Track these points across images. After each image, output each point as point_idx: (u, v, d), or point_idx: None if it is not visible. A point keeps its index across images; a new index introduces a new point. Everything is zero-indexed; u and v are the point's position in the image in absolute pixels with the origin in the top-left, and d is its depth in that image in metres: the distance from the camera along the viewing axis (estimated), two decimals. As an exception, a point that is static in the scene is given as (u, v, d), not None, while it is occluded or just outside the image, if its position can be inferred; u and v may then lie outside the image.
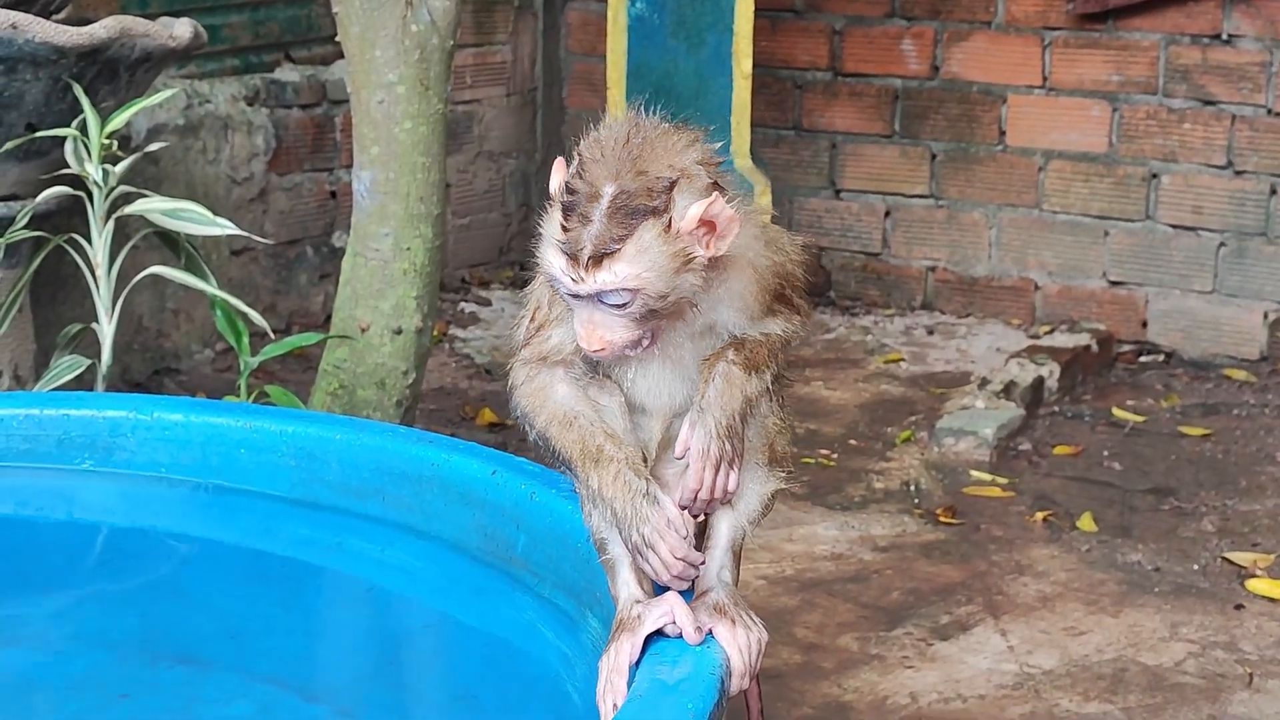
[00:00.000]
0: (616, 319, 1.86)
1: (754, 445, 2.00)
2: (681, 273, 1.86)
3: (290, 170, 5.00)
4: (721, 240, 1.87)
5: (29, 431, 2.71)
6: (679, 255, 1.85)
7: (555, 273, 1.86)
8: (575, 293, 1.85)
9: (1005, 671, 3.24)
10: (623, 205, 1.83)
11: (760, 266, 1.96)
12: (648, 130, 1.89)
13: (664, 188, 1.85)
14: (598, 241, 1.83)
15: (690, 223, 1.85)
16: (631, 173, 1.85)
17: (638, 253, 1.83)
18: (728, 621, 1.95)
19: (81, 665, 2.32)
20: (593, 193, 1.84)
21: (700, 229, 1.86)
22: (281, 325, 4.91)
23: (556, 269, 1.85)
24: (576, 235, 1.83)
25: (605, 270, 1.83)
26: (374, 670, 2.39)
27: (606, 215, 1.83)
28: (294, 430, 2.63)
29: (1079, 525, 3.95)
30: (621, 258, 1.83)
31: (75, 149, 3.47)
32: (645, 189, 1.84)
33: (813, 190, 5.63)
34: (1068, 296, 5.32)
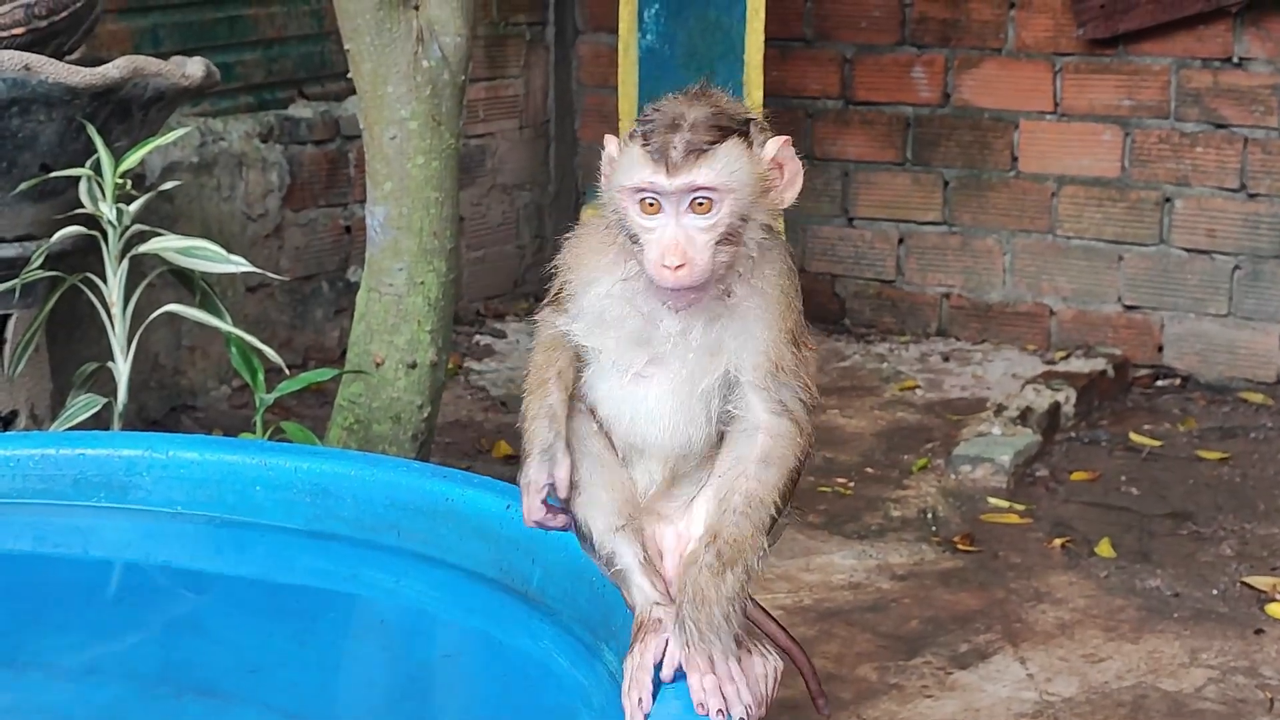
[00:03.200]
0: (700, 233, 1.84)
1: None
2: (760, 200, 1.86)
3: (305, 206, 5.01)
4: (790, 189, 1.89)
5: (45, 471, 2.72)
6: (759, 178, 1.86)
7: (639, 181, 1.84)
8: (668, 189, 1.83)
9: (1025, 700, 3.23)
10: (709, 121, 1.85)
11: (787, 287, 1.93)
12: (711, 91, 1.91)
13: (744, 119, 1.88)
14: (690, 144, 1.83)
15: (771, 150, 1.87)
16: (708, 107, 1.87)
17: (729, 158, 1.84)
18: (743, 651, 1.95)
19: (103, 699, 2.33)
20: (674, 117, 1.86)
21: (775, 168, 1.88)
22: (297, 361, 4.92)
23: (640, 177, 1.84)
24: (663, 143, 1.84)
25: (701, 166, 1.83)
26: (391, 703, 2.39)
27: (693, 127, 1.84)
28: (308, 467, 2.63)
29: (1097, 551, 3.93)
30: (716, 156, 1.84)
31: (89, 188, 3.48)
32: (728, 115, 1.87)
33: (825, 218, 5.63)
34: (1083, 321, 5.32)
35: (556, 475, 1.91)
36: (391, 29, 3.56)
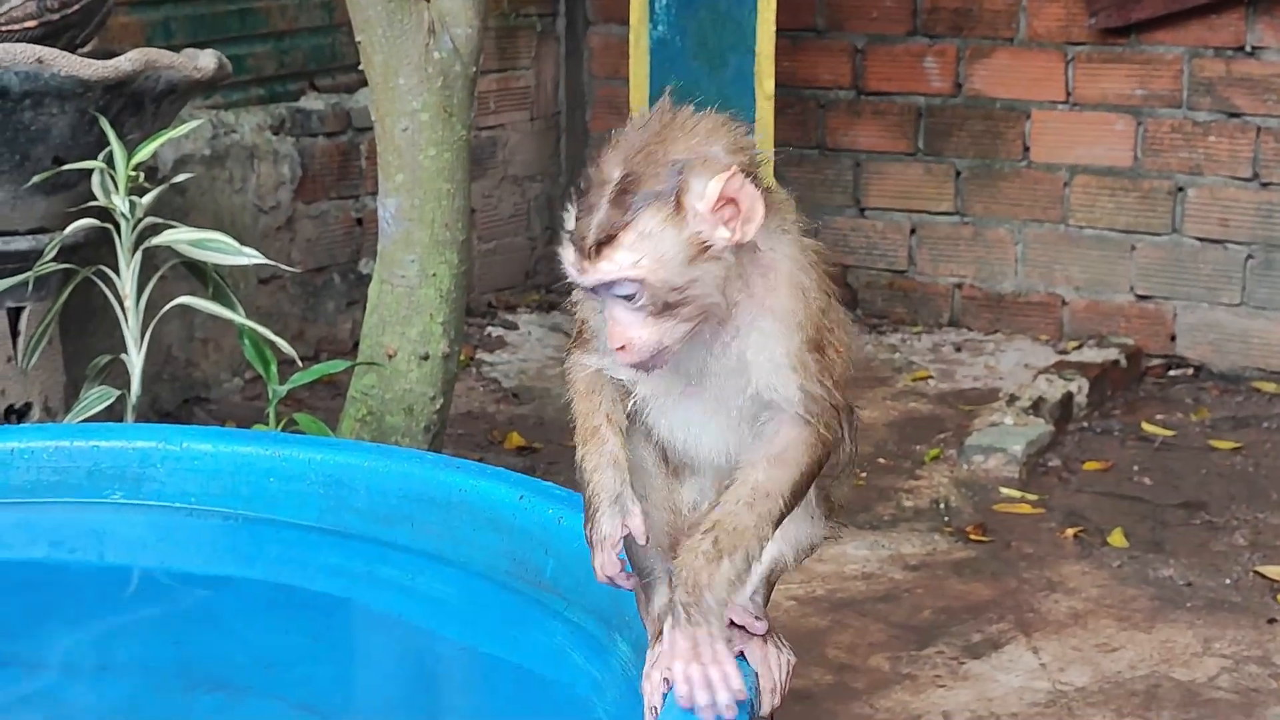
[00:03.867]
0: (634, 315, 1.76)
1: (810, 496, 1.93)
2: (698, 262, 1.75)
3: (316, 198, 5.02)
4: (748, 223, 1.76)
5: (59, 463, 2.73)
6: (692, 242, 1.74)
7: (566, 266, 1.78)
8: (581, 285, 1.77)
9: (1038, 689, 3.23)
10: (626, 189, 1.74)
11: (804, 285, 1.82)
12: (671, 117, 1.80)
13: (674, 171, 1.74)
14: (598, 229, 1.74)
15: (709, 201, 1.74)
16: (642, 157, 1.76)
17: (639, 239, 1.73)
18: (758, 642, 1.95)
19: (117, 694, 2.34)
20: (601, 179, 1.76)
21: (721, 209, 1.75)
22: (310, 353, 4.93)
23: (566, 262, 1.78)
24: (583, 224, 1.75)
25: (605, 259, 1.74)
26: (405, 697, 2.39)
27: (610, 201, 1.74)
28: (322, 458, 2.64)
29: (1110, 541, 3.93)
30: (621, 245, 1.73)
31: (102, 181, 3.49)
32: (652, 172, 1.74)
33: (837, 209, 5.63)
34: (1095, 311, 5.31)
35: (632, 525, 1.86)
36: (403, 21, 3.56)
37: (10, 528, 2.74)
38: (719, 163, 1.76)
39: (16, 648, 2.42)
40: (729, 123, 1.81)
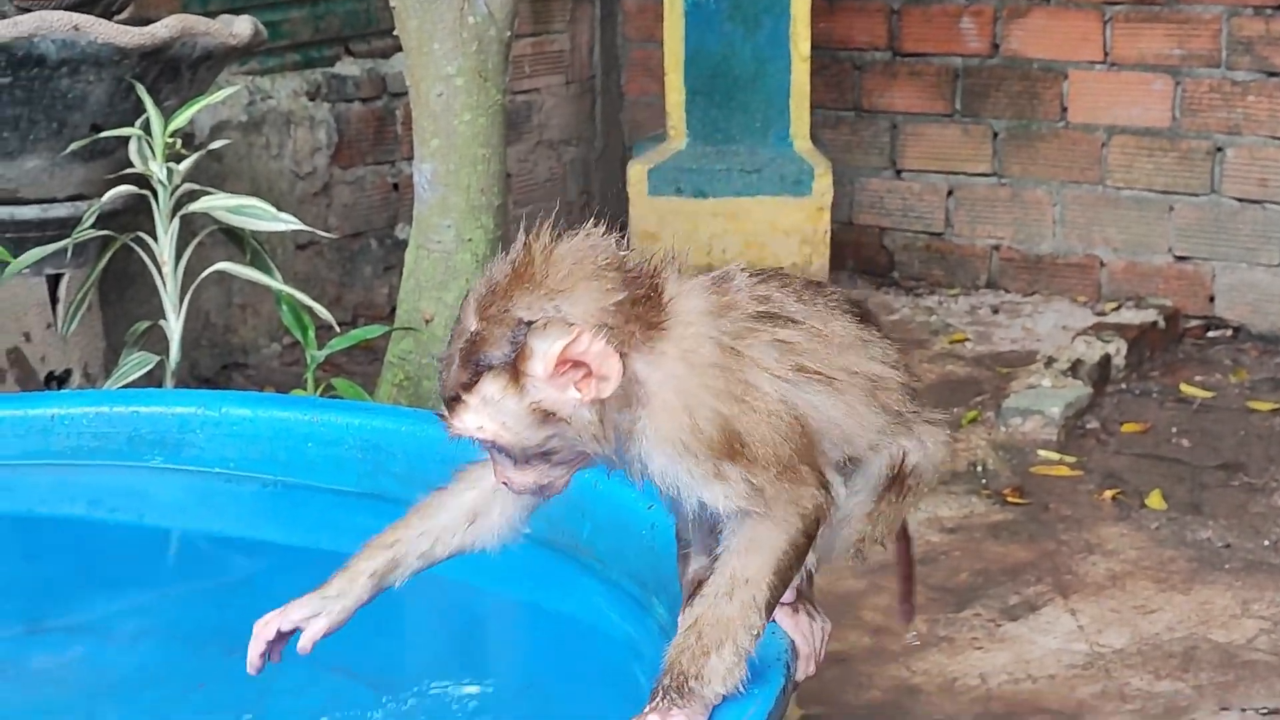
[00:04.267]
0: (505, 460, 1.75)
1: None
2: (549, 423, 1.70)
3: (353, 164, 5.03)
4: (603, 382, 1.69)
5: (99, 429, 2.75)
6: (534, 410, 1.69)
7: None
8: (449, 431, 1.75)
9: (1075, 651, 3.23)
10: (472, 349, 1.70)
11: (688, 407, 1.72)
12: (527, 255, 1.72)
13: (513, 336, 1.68)
14: (448, 388, 1.72)
15: (547, 368, 1.68)
16: (490, 313, 1.70)
17: (482, 404, 1.70)
18: (789, 610, 1.96)
19: (157, 658, 2.36)
20: (459, 330, 1.73)
21: (568, 371, 1.69)
22: (347, 318, 4.95)
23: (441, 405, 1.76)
24: (441, 376, 1.74)
25: (457, 417, 1.72)
26: (443, 659, 2.41)
27: (459, 359, 1.71)
28: (359, 423, 2.65)
29: (1148, 503, 3.92)
30: (467, 408, 1.71)
31: (139, 148, 3.51)
32: (494, 335, 1.69)
33: (874, 171, 5.61)
34: (1134, 273, 5.29)
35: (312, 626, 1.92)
36: (437, -15, 3.56)
37: (50, 488, 2.77)
38: (561, 324, 1.69)
39: (58, 612, 2.45)
40: (591, 250, 1.74)
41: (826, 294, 1.87)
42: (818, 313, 1.83)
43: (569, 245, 1.74)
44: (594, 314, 1.70)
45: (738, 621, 1.74)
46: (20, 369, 3.77)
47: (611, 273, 1.73)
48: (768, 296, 1.80)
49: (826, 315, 1.84)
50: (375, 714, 2.20)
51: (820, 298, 1.85)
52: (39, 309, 3.77)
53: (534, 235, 1.74)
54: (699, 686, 1.73)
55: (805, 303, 1.83)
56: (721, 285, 1.79)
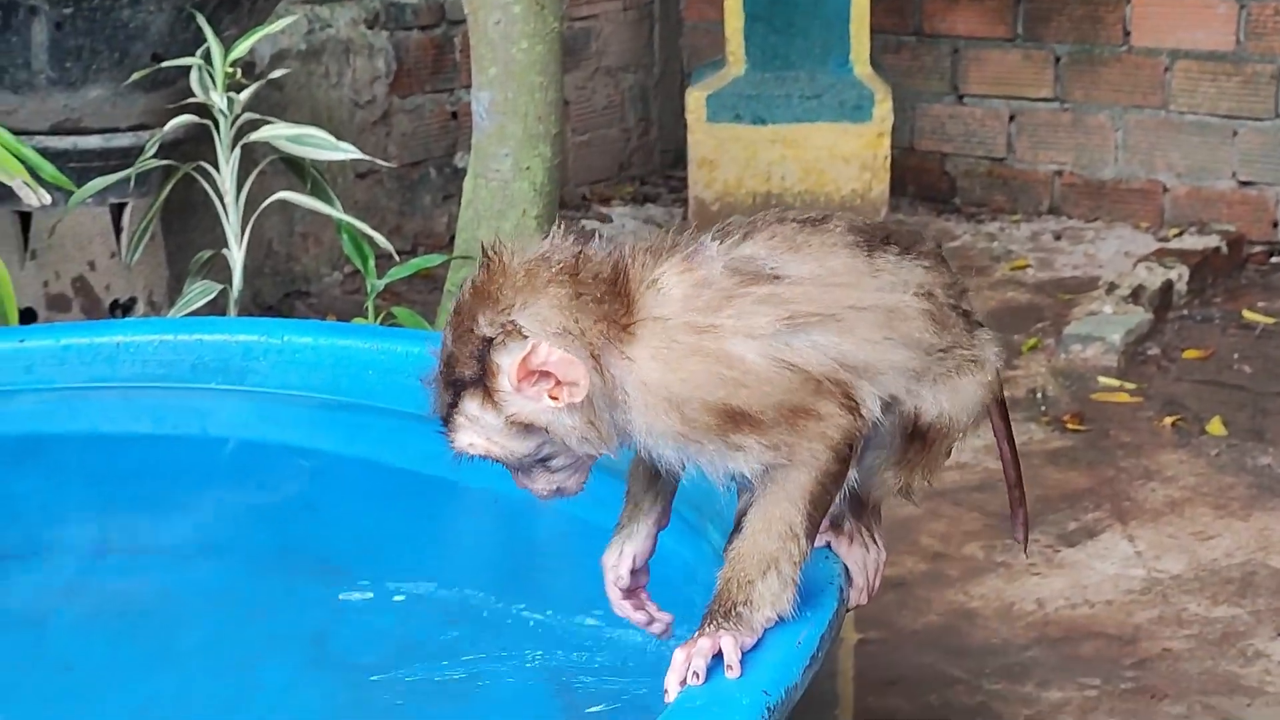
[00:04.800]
0: (514, 471, 1.80)
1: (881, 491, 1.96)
2: (535, 430, 1.74)
3: (411, 92, 5.04)
4: (573, 388, 1.71)
5: (164, 357, 2.79)
6: (512, 421, 1.73)
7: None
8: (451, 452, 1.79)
9: (1132, 577, 3.23)
10: (447, 374, 1.75)
11: (669, 400, 1.73)
12: (486, 273, 1.74)
13: (478, 354, 1.72)
14: (438, 409, 1.77)
15: (513, 381, 1.71)
16: (459, 333, 1.74)
17: (467, 423, 1.75)
18: (845, 538, 1.97)
19: (222, 579, 2.40)
20: (440, 353, 1.77)
21: (536, 382, 1.71)
22: (407, 246, 4.97)
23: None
24: (430, 399, 1.78)
25: (451, 437, 1.77)
26: (501, 579, 2.44)
27: (440, 383, 1.76)
28: (419, 351, 2.67)
29: (1208, 429, 3.91)
30: (457, 427, 1.76)
31: (200, 78, 3.53)
32: (463, 355, 1.73)
33: (935, 96, 5.58)
34: (1196, 198, 5.24)
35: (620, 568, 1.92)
36: (494, -88, 3.56)
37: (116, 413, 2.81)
38: (517, 335, 1.70)
39: (122, 535, 2.50)
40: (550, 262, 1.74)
41: (826, 230, 1.83)
42: (813, 255, 1.79)
43: (524, 256, 1.75)
44: (551, 322, 1.71)
45: (778, 551, 1.76)
46: (85, 297, 3.82)
47: (566, 278, 1.73)
48: (751, 256, 1.78)
49: (823, 255, 1.80)
50: (441, 632, 2.23)
51: (817, 236, 1.81)
52: (103, 238, 3.82)
53: (493, 251, 1.75)
54: (748, 612, 1.75)
55: (797, 248, 1.79)
56: (693, 262, 1.77)
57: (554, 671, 2.15)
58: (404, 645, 2.20)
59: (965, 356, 1.90)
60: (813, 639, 1.77)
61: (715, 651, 1.74)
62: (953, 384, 1.90)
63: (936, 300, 1.88)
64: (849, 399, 1.77)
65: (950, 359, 1.88)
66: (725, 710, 1.66)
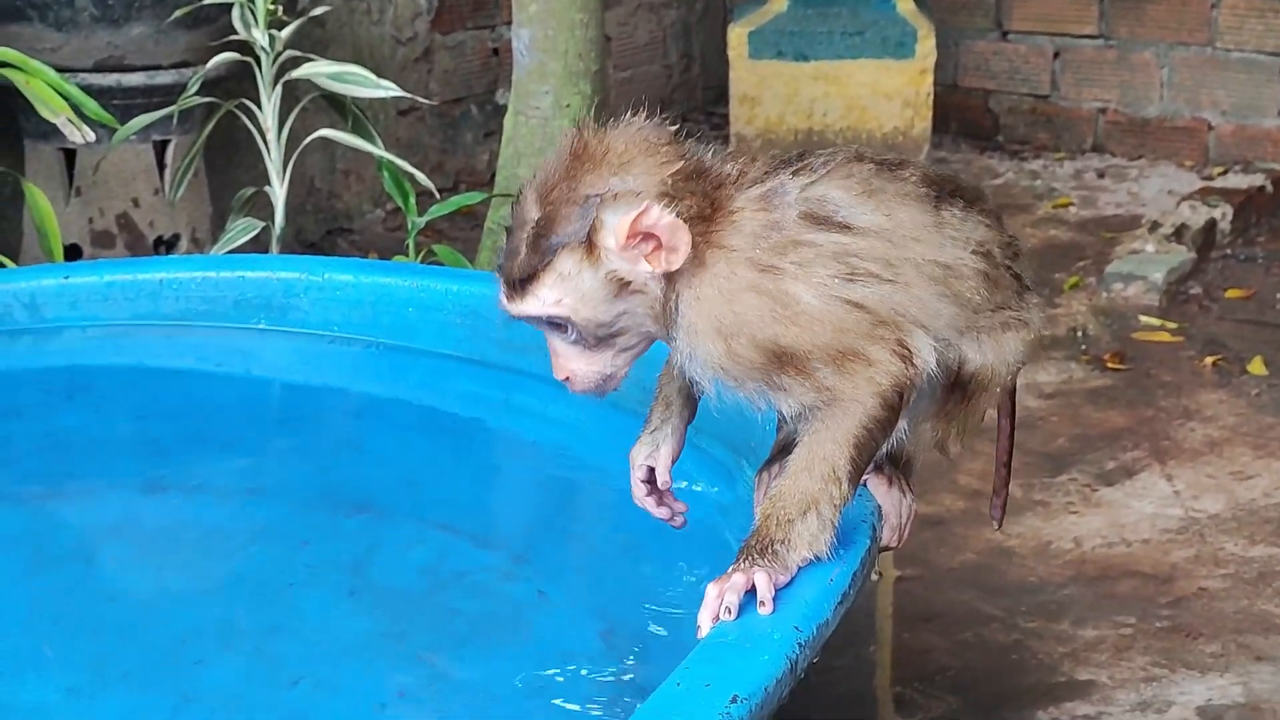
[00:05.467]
0: (572, 349, 1.80)
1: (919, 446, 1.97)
2: (623, 296, 1.76)
3: (453, 29, 5.04)
4: (672, 253, 1.73)
5: (207, 293, 2.82)
6: (611, 279, 1.75)
7: (498, 298, 1.81)
8: (514, 317, 1.80)
9: (1170, 516, 3.24)
10: (540, 233, 1.75)
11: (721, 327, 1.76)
12: (583, 145, 1.77)
13: (584, 212, 1.74)
14: (518, 269, 1.77)
15: (619, 239, 1.73)
16: (556, 195, 1.75)
17: (559, 280, 1.75)
18: (884, 480, 1.99)
19: (264, 515, 2.43)
20: (521, 220, 1.78)
21: (639, 244, 1.74)
22: (449, 184, 4.98)
23: (498, 294, 1.81)
24: (507, 265, 1.78)
25: (531, 294, 1.77)
26: (540, 517, 2.47)
27: (527, 245, 1.76)
28: (459, 289, 2.69)
29: (1249, 369, 3.90)
30: (542, 284, 1.76)
31: (242, 15, 3.54)
32: (564, 214, 1.74)
33: (979, 33, 5.54)
34: (1242, 136, 5.20)
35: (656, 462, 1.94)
36: None
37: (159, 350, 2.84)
38: (630, 195, 1.73)
39: (167, 471, 2.53)
40: (647, 137, 1.78)
41: (901, 178, 1.85)
42: (884, 204, 1.81)
43: (621, 129, 1.78)
44: (657, 185, 1.74)
45: (819, 493, 1.78)
46: (129, 233, 3.85)
47: (673, 155, 1.77)
48: (823, 198, 1.80)
49: (894, 205, 1.82)
50: (478, 571, 2.26)
51: (892, 184, 1.83)
52: (146, 175, 3.84)
53: (585, 124, 1.78)
54: (784, 550, 1.77)
55: (870, 194, 1.81)
56: (769, 202, 1.79)
57: (590, 606, 2.17)
58: (441, 579, 2.23)
59: (1012, 316, 1.93)
60: (845, 576, 1.79)
61: (749, 587, 1.75)
62: (997, 338, 1.92)
63: (993, 259, 1.91)
64: (903, 347, 1.79)
65: (998, 316, 1.91)
66: (757, 645, 1.68)
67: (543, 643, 2.08)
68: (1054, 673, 2.71)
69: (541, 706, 1.96)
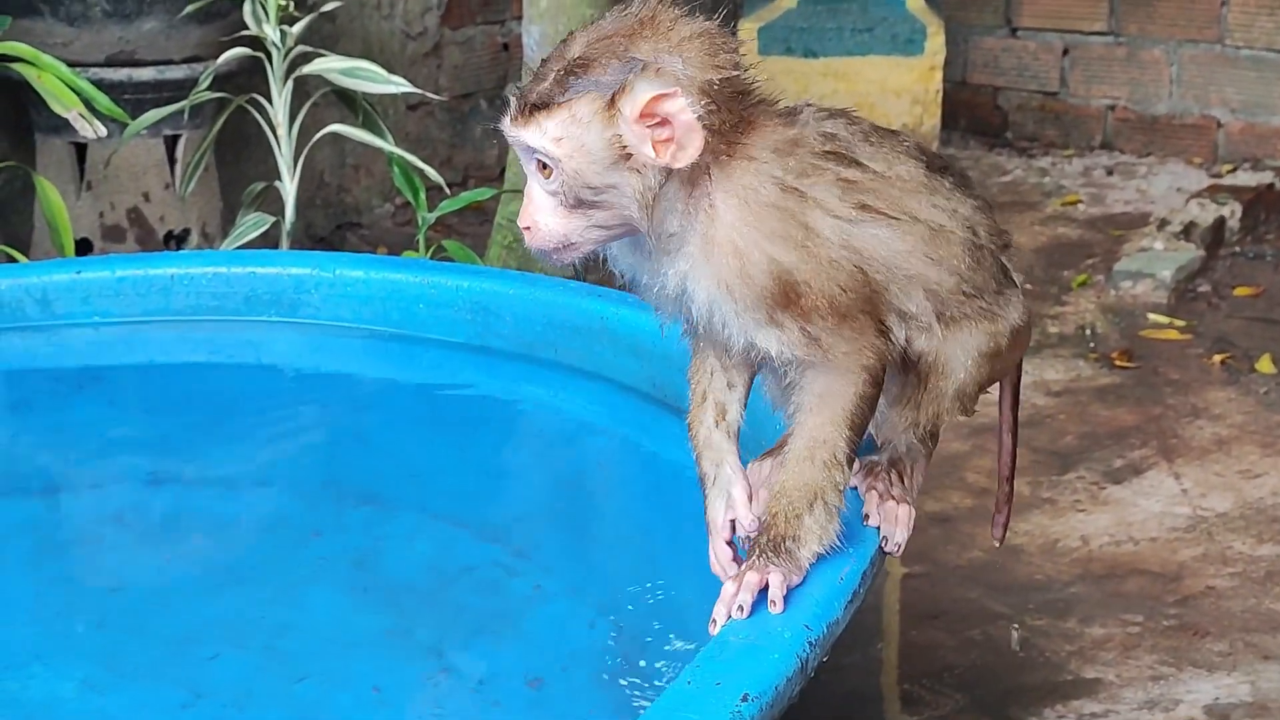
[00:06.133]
0: (548, 200, 1.74)
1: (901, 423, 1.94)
2: (619, 167, 1.71)
3: (463, 24, 5.04)
4: (681, 151, 1.70)
5: (218, 289, 2.83)
6: (614, 144, 1.70)
7: (502, 119, 1.76)
8: (504, 134, 1.76)
9: (1178, 514, 3.24)
10: (573, 70, 1.71)
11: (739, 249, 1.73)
12: (652, 13, 1.74)
13: (624, 68, 1.70)
14: (536, 94, 1.72)
15: (635, 109, 1.69)
16: (604, 45, 1.72)
17: (570, 119, 1.71)
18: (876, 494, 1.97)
19: (272, 509, 2.44)
20: (560, 54, 1.74)
21: (654, 126, 1.70)
22: (458, 178, 4.99)
23: (505, 115, 1.76)
24: (528, 86, 1.74)
25: (534, 124, 1.72)
26: (547, 508, 2.48)
27: (556, 77, 1.72)
28: (469, 285, 2.70)
29: (1258, 367, 3.90)
30: (551, 116, 1.71)
31: (254, 10, 3.55)
32: (604, 63, 1.71)
33: (988, 29, 5.54)
34: (1251, 134, 5.20)
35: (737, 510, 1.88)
36: None
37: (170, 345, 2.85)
38: (670, 76, 1.70)
39: (176, 465, 2.54)
40: (713, 37, 1.74)
41: (896, 139, 1.86)
42: (884, 154, 1.82)
43: (695, 20, 1.76)
44: (699, 81, 1.72)
45: (823, 481, 1.78)
46: (140, 228, 3.86)
47: (726, 66, 1.74)
48: (834, 134, 1.80)
49: (892, 158, 1.83)
50: (486, 565, 2.26)
51: (888, 141, 1.84)
52: (157, 169, 3.85)
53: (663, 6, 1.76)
54: (795, 547, 1.78)
55: (872, 144, 1.82)
56: (790, 120, 1.79)
57: (598, 602, 2.18)
58: (447, 572, 2.24)
59: (981, 307, 1.90)
60: (855, 575, 1.80)
61: (762, 586, 1.76)
62: (958, 326, 1.90)
63: (978, 239, 1.90)
64: (881, 324, 1.79)
65: (968, 305, 1.89)
66: (768, 643, 1.69)
67: (549, 638, 2.09)
68: (1061, 671, 2.72)
69: (548, 701, 1.97)
